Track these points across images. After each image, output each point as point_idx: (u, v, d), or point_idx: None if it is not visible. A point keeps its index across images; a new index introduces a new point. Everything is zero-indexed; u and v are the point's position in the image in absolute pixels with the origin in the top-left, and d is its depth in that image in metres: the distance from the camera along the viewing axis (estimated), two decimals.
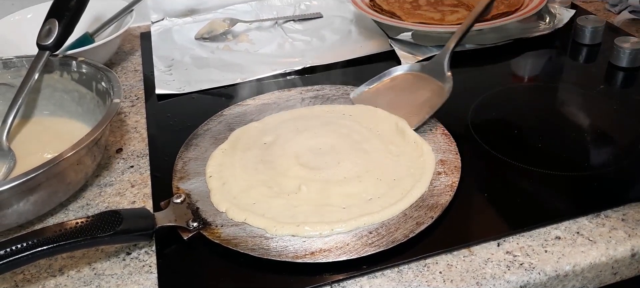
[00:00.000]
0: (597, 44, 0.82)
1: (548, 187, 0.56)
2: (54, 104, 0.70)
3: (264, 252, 0.48)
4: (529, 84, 0.77)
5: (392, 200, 0.53)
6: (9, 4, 0.91)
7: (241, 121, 0.67)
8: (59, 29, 0.68)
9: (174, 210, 0.53)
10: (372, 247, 0.48)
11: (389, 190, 0.55)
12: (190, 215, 0.52)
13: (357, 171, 0.57)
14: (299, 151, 0.60)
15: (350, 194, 0.54)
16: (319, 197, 0.54)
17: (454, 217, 0.53)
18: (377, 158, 0.59)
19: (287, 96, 0.71)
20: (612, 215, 0.52)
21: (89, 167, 0.59)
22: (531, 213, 0.53)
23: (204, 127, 0.66)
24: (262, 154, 0.61)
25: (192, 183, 0.57)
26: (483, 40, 0.82)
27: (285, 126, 0.65)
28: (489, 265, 0.48)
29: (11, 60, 0.70)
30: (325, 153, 0.60)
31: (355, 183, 0.56)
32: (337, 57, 0.83)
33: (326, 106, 0.69)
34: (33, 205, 0.54)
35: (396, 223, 0.51)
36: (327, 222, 0.51)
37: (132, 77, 0.83)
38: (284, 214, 0.52)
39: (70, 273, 0.50)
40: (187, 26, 0.95)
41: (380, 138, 0.62)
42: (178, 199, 0.54)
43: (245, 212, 0.53)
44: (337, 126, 0.64)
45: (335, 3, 1.01)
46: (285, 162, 0.59)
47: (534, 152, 0.61)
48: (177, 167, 0.60)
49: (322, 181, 0.56)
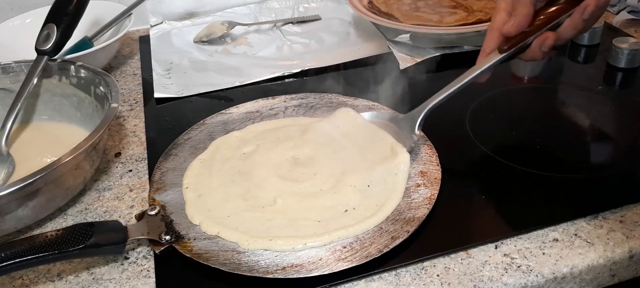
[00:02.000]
0: (595, 44, 0.82)
1: (546, 189, 0.56)
2: (53, 108, 0.71)
3: (235, 267, 0.48)
4: (527, 85, 0.77)
5: (367, 213, 0.52)
6: (8, 9, 0.91)
7: (223, 130, 0.66)
8: (57, 33, 0.68)
9: (147, 223, 0.52)
10: (345, 262, 0.48)
11: (364, 201, 0.54)
12: (163, 227, 0.52)
13: (332, 182, 0.56)
14: (278, 162, 0.60)
15: (326, 207, 0.54)
16: (294, 210, 0.53)
17: (452, 219, 0.53)
18: (353, 165, 0.58)
19: (271, 104, 0.71)
20: (610, 217, 0.52)
21: (87, 172, 0.59)
22: (529, 216, 0.53)
23: (185, 136, 0.65)
24: (240, 165, 0.60)
25: (168, 195, 0.57)
26: (482, 41, 0.82)
27: (266, 136, 0.64)
28: (486, 268, 0.48)
29: (10, 65, 0.70)
30: (303, 164, 0.59)
31: (330, 195, 0.55)
32: (336, 59, 0.83)
33: (309, 118, 0.68)
34: (31, 211, 0.54)
35: (371, 237, 0.50)
36: (301, 236, 0.50)
37: (130, 80, 0.84)
38: (258, 228, 0.51)
39: (68, 278, 0.51)
40: (185, 29, 0.95)
41: (358, 146, 0.61)
42: (152, 211, 0.53)
43: (219, 226, 0.52)
44: (316, 135, 0.63)
45: (334, 5, 1.01)
46: (262, 173, 0.58)
47: (531, 153, 0.61)
48: (155, 177, 0.59)
49: (298, 194, 0.55)
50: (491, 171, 0.59)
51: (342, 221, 0.52)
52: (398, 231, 0.50)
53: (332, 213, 0.53)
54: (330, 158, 0.60)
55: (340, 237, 0.50)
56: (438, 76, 0.78)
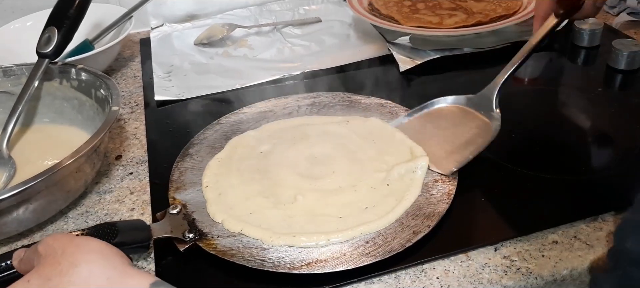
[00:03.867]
0: (595, 46, 0.82)
1: (545, 191, 0.56)
2: (54, 111, 0.71)
3: (260, 264, 0.49)
4: (527, 87, 0.77)
5: (387, 208, 0.53)
6: (9, 12, 0.92)
7: (238, 130, 0.67)
8: (58, 36, 0.68)
9: (170, 221, 0.53)
10: (368, 257, 0.48)
11: (383, 198, 0.55)
12: (186, 226, 0.52)
13: (352, 180, 0.57)
14: (295, 160, 0.61)
15: (346, 203, 0.54)
16: (315, 207, 0.54)
17: (452, 222, 0.53)
18: (371, 166, 0.59)
19: (284, 104, 0.71)
20: (610, 219, 0.52)
21: (88, 175, 0.59)
22: (528, 218, 0.53)
23: (200, 136, 0.66)
24: (258, 163, 0.61)
25: (188, 194, 0.57)
26: (481, 43, 0.83)
27: (281, 135, 0.65)
28: (486, 270, 0.48)
29: (11, 68, 0.71)
30: (321, 162, 0.60)
31: (350, 192, 0.56)
32: (336, 61, 0.83)
33: (323, 116, 0.69)
34: (32, 213, 0.54)
35: (393, 232, 0.51)
36: (324, 232, 0.51)
37: (131, 83, 0.84)
38: (280, 224, 0.52)
39: None
40: (186, 32, 0.96)
41: (376, 148, 0.62)
42: (174, 210, 0.54)
43: (242, 223, 0.53)
44: (333, 135, 0.64)
45: (334, 7, 1.01)
46: (281, 172, 0.59)
47: (531, 155, 0.61)
48: (174, 177, 0.60)
49: (318, 190, 0.56)
50: (491, 173, 0.59)
51: (363, 217, 0.53)
52: (419, 226, 0.51)
53: (353, 210, 0.54)
54: (348, 158, 0.61)
55: (363, 233, 0.51)
56: (438, 78, 0.78)
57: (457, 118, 0.65)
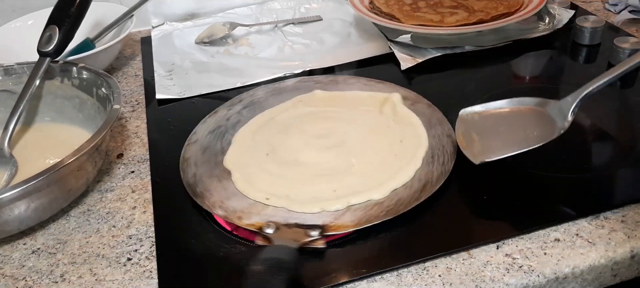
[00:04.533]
0: (596, 44, 0.82)
1: (547, 189, 0.56)
2: (55, 110, 0.71)
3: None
4: (529, 85, 0.77)
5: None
6: (10, 11, 0.92)
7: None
8: (59, 35, 0.68)
9: (284, 235, 0.51)
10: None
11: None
12: (299, 230, 0.51)
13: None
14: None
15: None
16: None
17: (454, 220, 0.53)
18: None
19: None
20: (612, 216, 0.52)
21: (89, 173, 0.60)
22: (530, 216, 0.53)
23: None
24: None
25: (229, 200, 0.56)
26: (482, 41, 0.83)
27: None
28: (488, 268, 0.48)
29: (12, 67, 0.71)
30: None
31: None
32: (337, 60, 0.83)
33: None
34: (34, 212, 0.54)
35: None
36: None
37: (132, 82, 0.84)
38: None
39: (71, 279, 0.51)
40: (187, 30, 0.96)
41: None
42: (270, 229, 0.52)
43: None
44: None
45: (335, 6, 1.01)
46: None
47: (532, 153, 0.61)
48: (230, 205, 0.56)
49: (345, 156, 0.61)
50: (492, 171, 0.59)
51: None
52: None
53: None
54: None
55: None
56: (439, 76, 0.78)
57: (529, 119, 0.62)
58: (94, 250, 0.54)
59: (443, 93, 0.74)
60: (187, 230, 0.54)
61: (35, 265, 0.53)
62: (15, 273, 0.52)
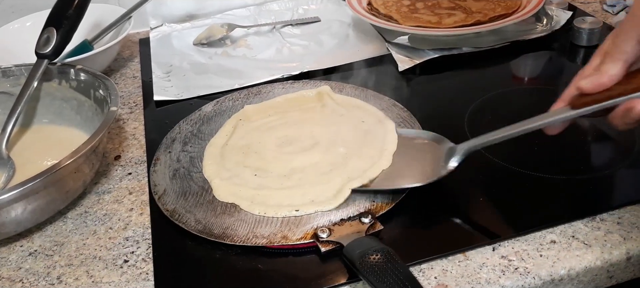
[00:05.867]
0: (594, 45, 0.82)
1: (543, 191, 0.56)
2: (53, 112, 0.71)
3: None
4: (526, 87, 0.77)
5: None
6: (9, 12, 0.92)
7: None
8: (57, 37, 0.69)
9: (344, 229, 0.51)
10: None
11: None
12: (353, 222, 0.52)
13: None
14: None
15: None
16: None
17: (450, 221, 0.53)
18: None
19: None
20: (608, 218, 0.52)
21: (87, 175, 0.60)
22: (526, 217, 0.53)
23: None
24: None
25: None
26: (480, 42, 0.83)
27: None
28: (484, 270, 0.48)
29: (10, 69, 0.71)
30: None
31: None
32: (335, 61, 0.83)
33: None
34: (31, 214, 0.54)
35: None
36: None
37: (130, 83, 0.84)
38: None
39: (68, 281, 0.51)
40: (185, 32, 0.96)
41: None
42: (324, 234, 0.51)
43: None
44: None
45: (333, 7, 1.01)
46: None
47: (529, 155, 0.61)
48: (262, 232, 0.52)
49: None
50: (489, 173, 0.59)
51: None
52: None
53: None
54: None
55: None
56: (437, 77, 0.78)
57: (425, 154, 0.59)
58: (91, 252, 0.54)
59: (441, 94, 0.75)
60: (183, 233, 0.54)
61: (32, 267, 0.53)
62: (12, 275, 0.52)
